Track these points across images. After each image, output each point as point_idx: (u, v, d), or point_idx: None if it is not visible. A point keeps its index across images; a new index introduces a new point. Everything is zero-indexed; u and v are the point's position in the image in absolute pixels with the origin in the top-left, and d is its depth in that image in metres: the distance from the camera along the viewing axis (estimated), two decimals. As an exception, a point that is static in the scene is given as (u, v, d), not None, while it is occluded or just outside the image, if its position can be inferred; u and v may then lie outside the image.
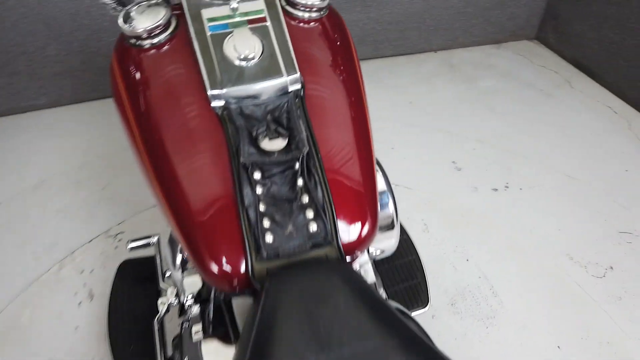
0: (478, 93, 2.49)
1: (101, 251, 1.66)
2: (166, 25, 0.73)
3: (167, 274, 1.08)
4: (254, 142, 0.65)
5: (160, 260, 1.12)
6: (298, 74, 0.70)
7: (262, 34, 0.71)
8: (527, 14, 2.82)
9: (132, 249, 1.11)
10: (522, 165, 2.04)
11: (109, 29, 2.23)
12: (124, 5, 1.04)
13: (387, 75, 2.62)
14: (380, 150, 2.10)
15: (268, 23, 0.72)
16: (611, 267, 1.61)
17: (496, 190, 1.92)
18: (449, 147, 2.14)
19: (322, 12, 0.80)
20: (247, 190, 0.63)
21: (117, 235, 1.72)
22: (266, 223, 0.62)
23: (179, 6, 0.79)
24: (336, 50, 0.79)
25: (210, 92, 0.67)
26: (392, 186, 0.88)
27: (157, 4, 0.75)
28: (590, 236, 1.72)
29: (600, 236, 1.72)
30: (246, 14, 0.72)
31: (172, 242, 0.83)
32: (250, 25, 0.71)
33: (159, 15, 0.72)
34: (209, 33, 0.70)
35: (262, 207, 0.63)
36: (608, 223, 1.77)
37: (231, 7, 0.71)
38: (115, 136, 2.20)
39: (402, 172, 1.98)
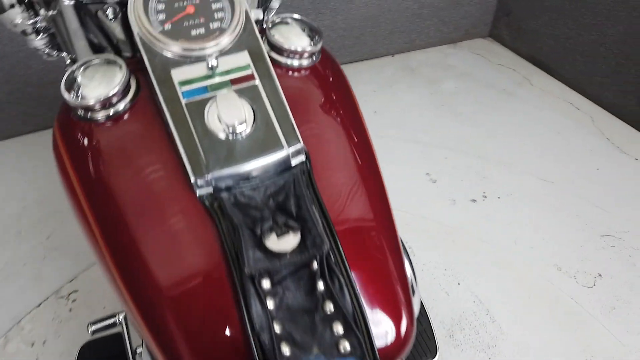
0: (441, 97, 2.42)
1: (53, 316, 1.45)
2: (125, 91, 0.57)
3: (139, 351, 0.93)
4: (259, 241, 0.51)
5: (129, 340, 0.95)
6: (301, 144, 0.56)
7: (252, 96, 0.57)
8: (480, 12, 2.79)
9: (95, 331, 0.95)
10: (495, 171, 1.98)
11: (37, 55, 1.98)
12: (59, 49, 0.86)
13: (347, 84, 2.50)
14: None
15: (257, 81, 0.58)
16: (599, 275, 1.58)
17: (474, 201, 1.85)
18: (420, 158, 2.06)
19: (314, 58, 0.66)
20: (256, 307, 0.49)
21: (69, 295, 1.52)
22: (285, 349, 0.48)
23: (135, 60, 0.64)
24: (337, 103, 0.65)
25: (193, 180, 0.52)
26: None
27: (107, 62, 0.59)
28: (574, 243, 1.68)
29: (584, 242, 1.69)
30: (228, 72, 0.57)
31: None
32: (235, 87, 0.57)
33: (115, 79, 0.56)
34: (184, 101, 0.55)
35: (277, 327, 0.49)
36: (589, 227, 1.74)
37: (209, 65, 0.56)
38: (55, 174, 1.96)
39: (378, 191, 1.87)
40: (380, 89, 2.48)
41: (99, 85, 0.56)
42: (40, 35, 0.81)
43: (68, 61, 0.86)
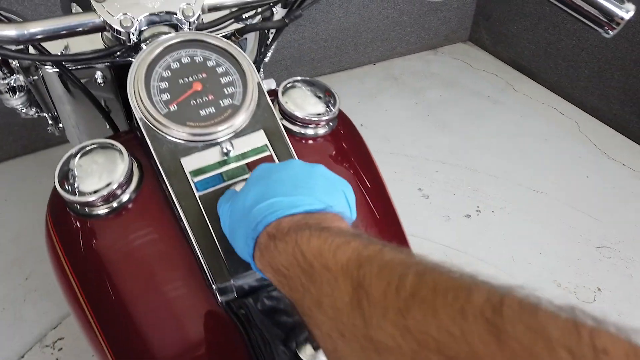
0: (427, 107, 2.39)
1: (39, 368, 1.37)
2: (128, 181, 0.51)
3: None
4: (294, 356, 0.46)
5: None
6: None
7: (272, 182, 0.51)
8: (459, 16, 2.77)
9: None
10: (487, 184, 1.97)
11: (4, 81, 1.86)
12: (39, 108, 0.79)
13: (331, 96, 2.45)
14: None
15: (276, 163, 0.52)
16: (599, 289, 1.58)
17: (469, 216, 1.83)
18: (411, 173, 2.02)
19: (332, 125, 0.61)
20: None
21: (55, 343, 1.43)
22: None
23: (132, 135, 0.57)
24: (358, 171, 0.60)
25: (215, 287, 0.47)
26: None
27: (102, 146, 0.52)
28: (571, 256, 1.68)
29: (581, 255, 1.68)
30: (244, 155, 0.51)
31: None
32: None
33: (117, 170, 0.49)
34: (198, 194, 0.49)
35: None
36: (584, 238, 1.74)
37: (224, 149, 0.50)
38: (31, 206, 1.85)
39: (371, 210, 1.83)
40: (365, 100, 2.43)
41: (99, 179, 0.49)
42: (17, 94, 0.74)
43: (50, 121, 0.79)
